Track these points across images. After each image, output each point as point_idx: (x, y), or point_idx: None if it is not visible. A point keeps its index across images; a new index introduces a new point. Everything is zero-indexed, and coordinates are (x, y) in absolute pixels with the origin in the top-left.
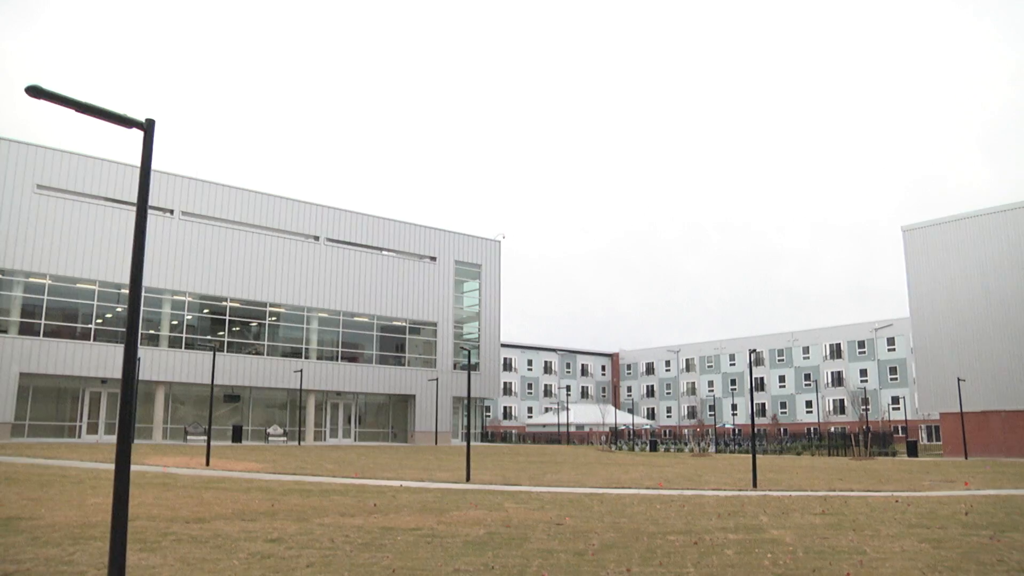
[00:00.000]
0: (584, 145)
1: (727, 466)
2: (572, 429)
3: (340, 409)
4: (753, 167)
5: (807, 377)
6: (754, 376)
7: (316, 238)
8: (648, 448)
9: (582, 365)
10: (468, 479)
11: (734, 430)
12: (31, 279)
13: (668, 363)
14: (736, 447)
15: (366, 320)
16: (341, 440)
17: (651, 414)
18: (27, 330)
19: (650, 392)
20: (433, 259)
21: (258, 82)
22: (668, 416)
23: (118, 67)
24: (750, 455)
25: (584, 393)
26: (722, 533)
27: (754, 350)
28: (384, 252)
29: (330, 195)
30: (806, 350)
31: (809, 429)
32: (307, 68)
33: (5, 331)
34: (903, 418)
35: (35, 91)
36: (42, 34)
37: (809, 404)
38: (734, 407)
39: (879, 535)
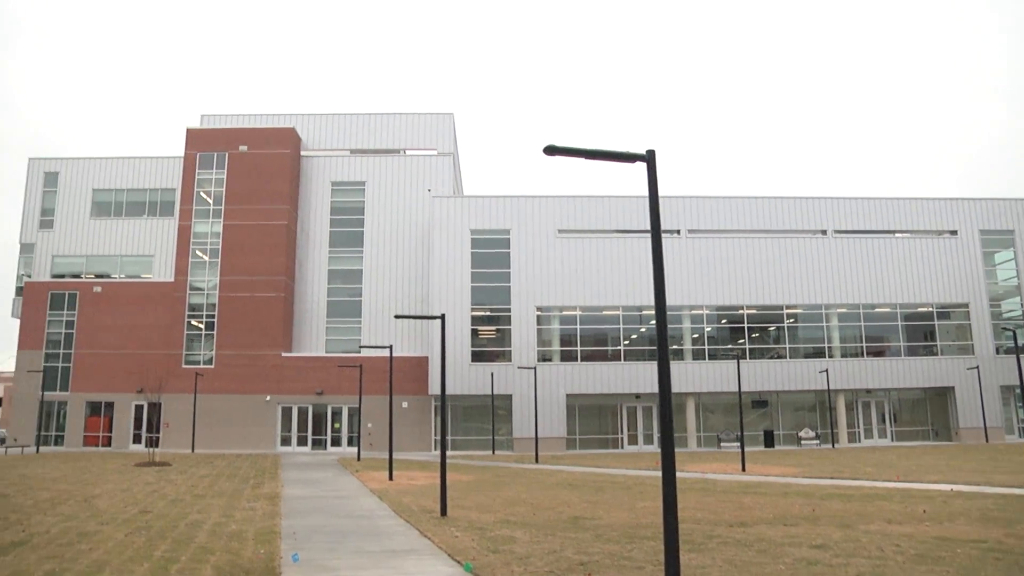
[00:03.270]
0: None
1: None
2: None
3: (872, 407)
4: None
5: None
6: None
7: (823, 232)
8: None
9: None
10: None
11: None
12: (564, 312)
13: None
14: None
15: (888, 310)
16: (876, 441)
17: None
18: (567, 357)
19: None
20: (953, 233)
21: (731, 90)
22: None
23: (614, 104)
24: None
25: None
26: None
27: None
28: (896, 235)
29: (831, 185)
30: None
31: None
32: (778, 67)
33: (550, 359)
34: None
35: (551, 149)
36: (549, 94)
37: None
38: None
39: None
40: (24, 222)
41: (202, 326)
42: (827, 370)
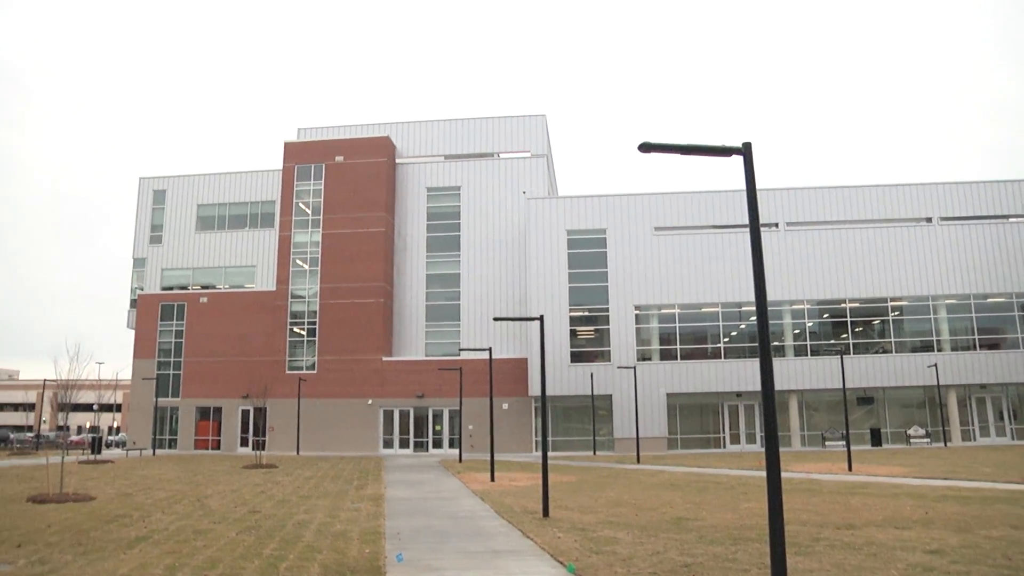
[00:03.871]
0: None
1: None
2: None
3: (987, 404)
4: None
5: None
6: None
7: (928, 220)
8: None
9: None
10: None
11: None
12: (663, 311)
13: None
14: None
15: (1002, 300)
16: (994, 439)
17: None
18: (667, 356)
19: None
20: None
21: (826, 79)
22: None
23: (708, 98)
24: None
25: None
26: None
27: None
28: (1010, 220)
29: (935, 170)
30: None
31: None
32: (874, 52)
33: (649, 359)
34: None
35: (646, 146)
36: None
37: None
38: None
39: None
40: (136, 238)
41: (304, 333)
42: (936, 364)
